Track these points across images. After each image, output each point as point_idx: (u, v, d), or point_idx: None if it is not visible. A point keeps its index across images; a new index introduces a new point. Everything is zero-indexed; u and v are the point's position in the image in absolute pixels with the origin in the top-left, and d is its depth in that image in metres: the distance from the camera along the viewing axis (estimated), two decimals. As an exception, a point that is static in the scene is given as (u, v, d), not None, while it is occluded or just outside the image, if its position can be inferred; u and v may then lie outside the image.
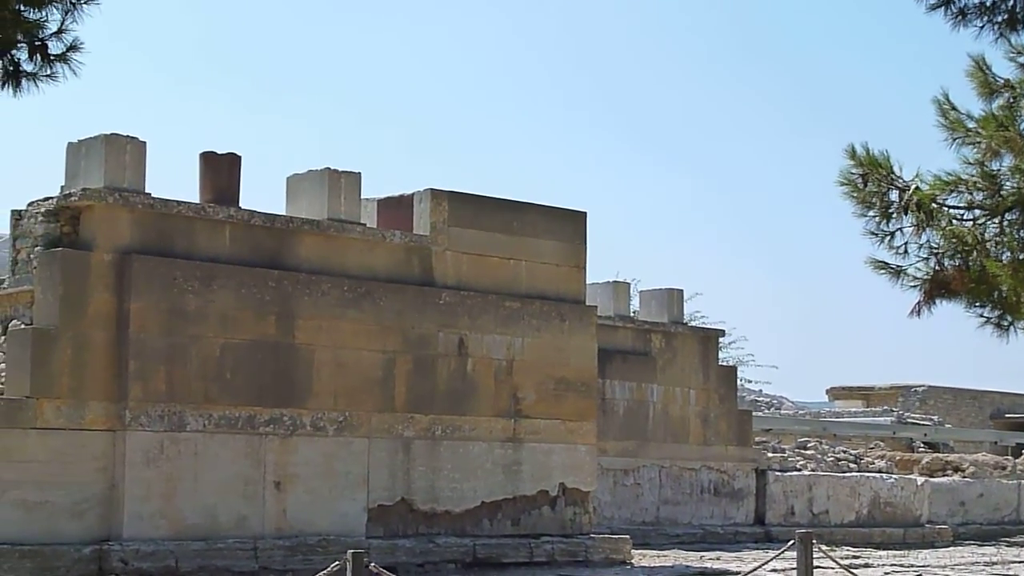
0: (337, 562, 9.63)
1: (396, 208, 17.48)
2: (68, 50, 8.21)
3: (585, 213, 18.62)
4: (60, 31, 8.15)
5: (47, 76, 8.22)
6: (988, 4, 7.19)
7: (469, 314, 17.15)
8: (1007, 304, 8.67)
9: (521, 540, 17.04)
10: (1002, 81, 8.27)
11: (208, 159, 15.76)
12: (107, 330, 14.40)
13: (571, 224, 18.48)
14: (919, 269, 8.73)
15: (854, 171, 8.48)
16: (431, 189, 17.33)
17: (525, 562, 16.67)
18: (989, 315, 8.94)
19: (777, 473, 24.32)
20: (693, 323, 29.20)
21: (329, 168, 16.48)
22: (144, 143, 14.93)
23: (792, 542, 8.56)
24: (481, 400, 17.18)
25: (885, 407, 39.58)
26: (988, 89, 8.26)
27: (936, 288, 8.56)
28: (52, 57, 8.15)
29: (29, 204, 14.78)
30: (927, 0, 7.25)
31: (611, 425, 22.15)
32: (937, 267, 8.58)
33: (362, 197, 17.04)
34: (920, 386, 43.69)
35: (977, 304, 8.81)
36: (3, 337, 14.78)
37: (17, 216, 14.88)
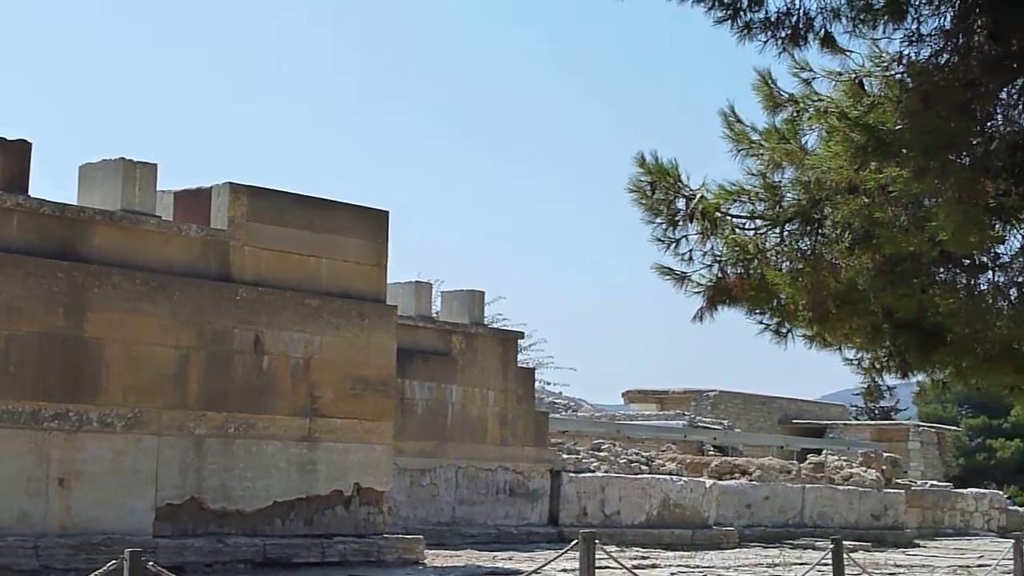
0: (113, 561, 9.35)
1: (194, 201, 17.15)
2: None
3: (387, 212, 18.55)
4: None
5: None
6: (772, 19, 7.38)
7: (267, 311, 16.91)
8: (785, 312, 8.92)
9: (314, 540, 16.87)
10: (786, 95, 8.51)
11: (-3, 144, 15.21)
12: None
13: (373, 223, 18.37)
14: (703, 276, 8.93)
15: (643, 178, 8.63)
16: (230, 183, 17.04)
17: (317, 562, 16.51)
18: (768, 322, 9.19)
19: (571, 474, 24.60)
20: (495, 325, 29.40)
21: (124, 158, 16.08)
22: (-71, 125, 14.37)
23: (576, 542, 8.65)
24: (277, 398, 16.96)
25: (678, 411, 40.43)
26: (773, 103, 8.49)
27: (718, 295, 8.76)
28: None
29: None
30: (714, 14, 7.41)
31: (410, 425, 22.13)
32: (720, 274, 8.79)
33: (159, 189, 16.68)
34: (712, 391, 44.77)
35: (757, 311, 9.05)
36: None
37: None
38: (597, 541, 8.72)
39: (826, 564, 11.37)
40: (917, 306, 8.43)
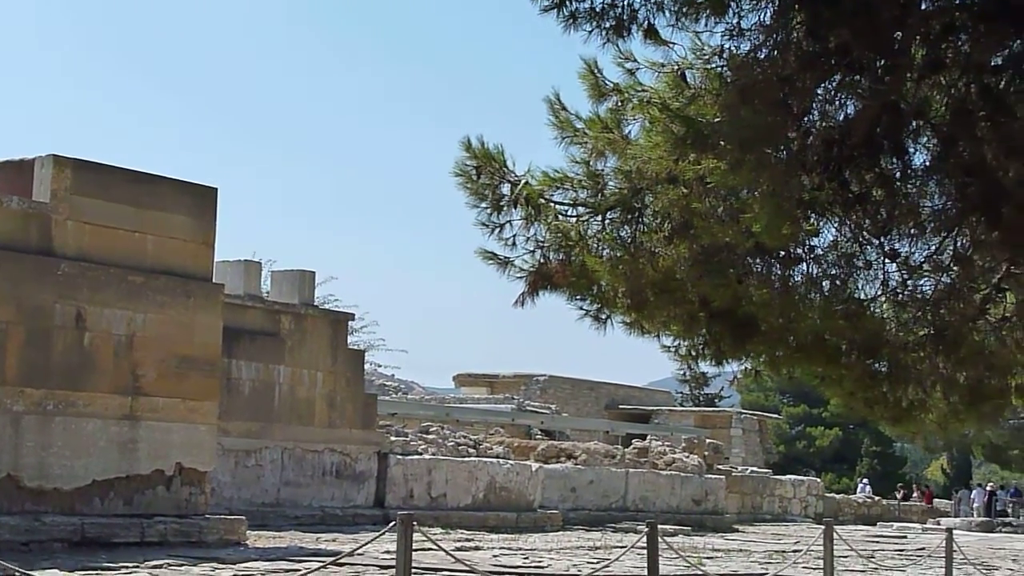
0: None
1: (16, 173, 16.74)
2: None
3: (215, 189, 18.33)
4: None
5: None
6: (597, 10, 7.49)
7: (90, 286, 16.59)
8: (605, 298, 9.06)
9: (133, 520, 16.62)
10: (611, 85, 8.63)
11: None
12: None
13: (201, 200, 18.13)
14: (526, 261, 9.02)
15: (469, 163, 8.68)
16: (54, 155, 16.68)
17: (136, 542, 16.27)
18: (588, 308, 9.33)
19: (399, 457, 24.64)
20: (326, 306, 29.25)
21: (-57, 126, 15.64)
22: None
23: (394, 523, 8.69)
24: (99, 376, 16.66)
25: (508, 395, 40.74)
26: (598, 92, 8.61)
27: (540, 280, 8.86)
28: None
29: None
30: (541, 2, 7.50)
31: (236, 405, 21.91)
32: (542, 260, 8.89)
33: (-21, 159, 16.26)
34: (542, 376, 45.19)
35: (578, 297, 9.18)
36: None
37: None
38: (417, 523, 8.77)
39: (643, 547, 11.60)
40: (732, 296, 8.64)
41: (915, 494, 53.99)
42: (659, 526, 12.39)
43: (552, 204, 8.82)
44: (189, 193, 17.98)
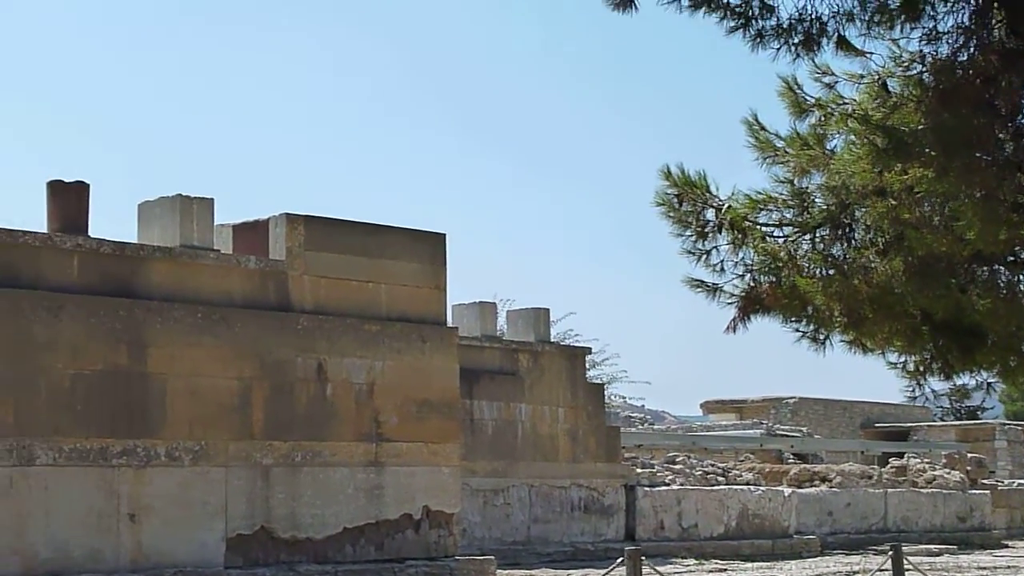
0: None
1: (252, 233, 17.33)
2: None
3: (444, 235, 18.63)
4: None
5: None
6: (784, 26, 7.33)
7: (328, 338, 17.04)
8: (820, 318, 8.84)
9: (384, 565, 16.94)
10: (812, 100, 8.44)
11: (55, 188, 15.50)
12: (-51, 364, 14.08)
13: (430, 246, 18.46)
14: (735, 286, 8.87)
15: (669, 191, 8.60)
16: (286, 214, 17.21)
17: (388, 586, 16.58)
18: (804, 329, 9.11)
19: (646, 488, 24.52)
20: (565, 342, 29.41)
21: (181, 194, 16.30)
22: (-13, 172, 14.65)
23: (621, 559, 8.61)
24: (342, 424, 17.07)
25: (756, 419, 40.13)
26: (799, 108, 8.43)
27: (750, 304, 8.70)
28: None
29: None
30: (726, 23, 7.37)
31: (480, 445, 22.18)
32: (752, 284, 8.72)
33: (217, 223, 16.89)
34: (791, 398, 44.36)
35: (792, 319, 8.98)
36: None
37: None
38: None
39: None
40: (955, 307, 8.32)
41: None
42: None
43: (758, 226, 8.67)
44: (418, 240, 18.32)
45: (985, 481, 34.03)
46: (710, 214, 8.65)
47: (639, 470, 25.26)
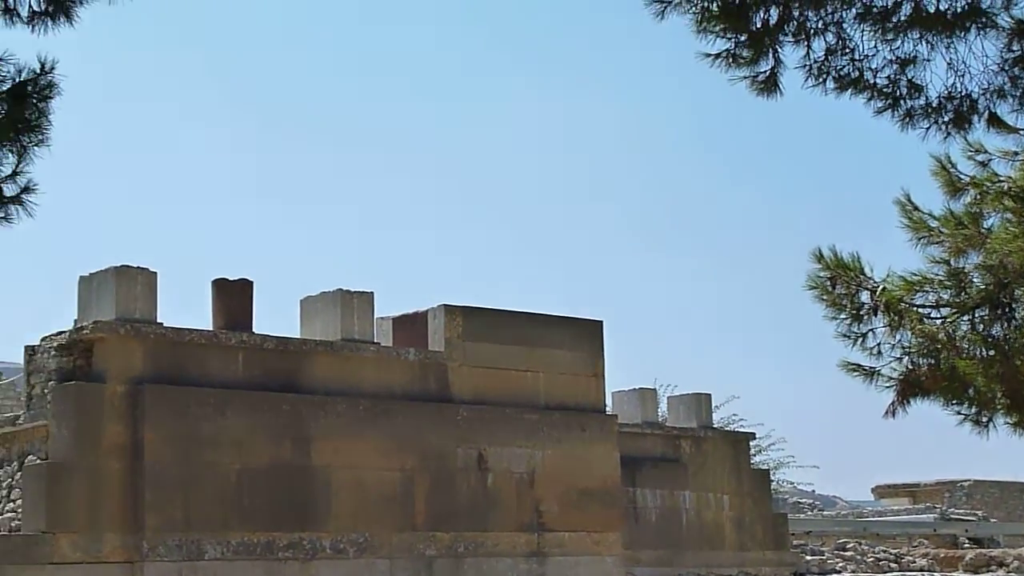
0: None
1: (411, 325, 17.56)
2: (22, 192, 8.43)
3: (601, 322, 18.65)
4: (14, 174, 8.37)
5: (1, 218, 8.44)
6: (934, 104, 7.23)
7: (488, 428, 17.12)
8: (982, 400, 8.60)
9: (549, 656, 16.82)
10: (967, 179, 8.28)
11: (220, 286, 15.92)
12: (122, 461, 14.46)
13: (588, 333, 18.48)
14: (893, 369, 8.68)
15: (822, 274, 8.49)
16: (444, 305, 17.41)
17: None
18: (966, 412, 8.86)
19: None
20: (729, 427, 29.05)
21: (342, 289, 16.61)
22: (155, 273, 15.11)
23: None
24: (503, 514, 17.08)
25: (930, 503, 39.02)
26: (953, 187, 8.28)
27: (909, 388, 8.51)
28: (6, 199, 8.38)
29: (42, 339, 14.95)
30: (874, 104, 7.30)
31: (644, 533, 21.92)
32: (910, 367, 8.53)
33: (377, 316, 17.16)
34: (966, 481, 43.05)
35: (953, 402, 8.74)
36: (20, 473, 14.86)
37: (31, 351, 15.04)
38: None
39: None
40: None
41: None
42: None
43: (915, 308, 8.49)
44: (575, 328, 18.36)
45: None
46: (864, 296, 8.52)
47: (808, 557, 24.71)
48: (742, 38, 8.32)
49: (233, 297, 15.88)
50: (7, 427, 15.47)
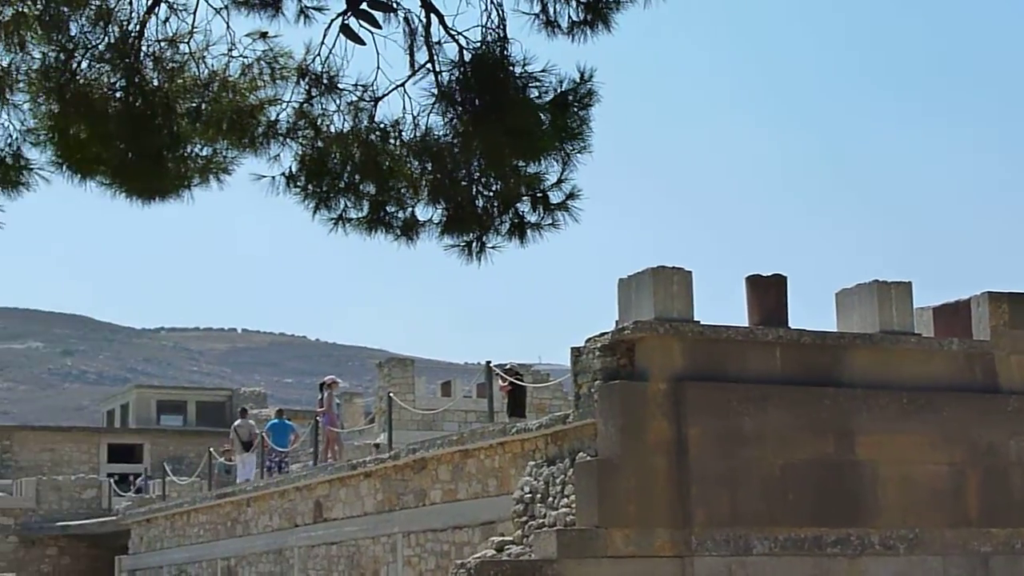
0: None
1: (952, 315, 16.92)
2: (567, 198, 8.72)
3: None
4: (559, 181, 8.67)
5: (549, 225, 8.75)
6: None
7: (1041, 420, 16.19)
8: None
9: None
10: None
11: (754, 282, 15.94)
12: (666, 457, 14.75)
13: None
14: None
15: None
16: (988, 292, 16.65)
17: None
18: None
19: None
20: None
21: (878, 280, 16.22)
22: (690, 273, 15.32)
23: None
24: (1064, 510, 16.09)
25: None
26: None
27: None
28: (553, 206, 8.69)
29: (587, 340, 15.48)
30: None
31: None
32: None
33: (916, 306, 16.65)
34: None
35: None
36: (571, 470, 15.47)
37: (577, 353, 15.62)
38: None
39: None
40: None
41: None
42: None
43: None
44: None
45: None
46: None
47: None
48: None
49: (768, 293, 15.86)
50: (558, 425, 16.17)
